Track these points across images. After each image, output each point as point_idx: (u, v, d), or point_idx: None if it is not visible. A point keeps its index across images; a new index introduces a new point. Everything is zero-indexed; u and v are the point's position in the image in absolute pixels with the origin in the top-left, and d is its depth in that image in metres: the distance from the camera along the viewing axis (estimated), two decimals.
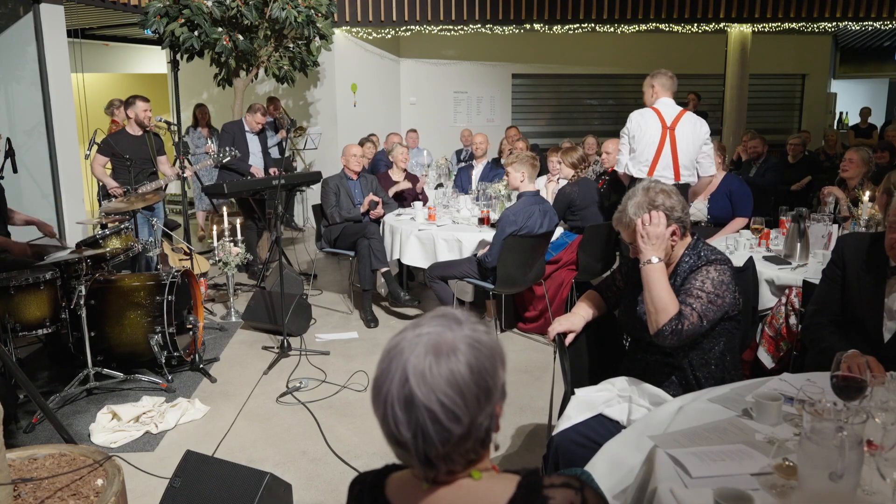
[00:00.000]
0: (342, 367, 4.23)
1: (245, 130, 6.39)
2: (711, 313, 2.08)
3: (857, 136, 9.94)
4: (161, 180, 5.31)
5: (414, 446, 1.00)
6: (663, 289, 2.10)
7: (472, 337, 1.03)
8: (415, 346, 1.02)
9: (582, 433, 2.14)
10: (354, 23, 8.59)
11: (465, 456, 1.03)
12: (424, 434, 0.99)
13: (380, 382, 1.03)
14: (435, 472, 1.04)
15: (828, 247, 3.55)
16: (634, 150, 4.31)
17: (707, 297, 2.08)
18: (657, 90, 4.33)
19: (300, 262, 7.02)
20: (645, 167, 4.28)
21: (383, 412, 1.02)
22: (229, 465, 2.44)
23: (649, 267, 2.12)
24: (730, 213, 4.62)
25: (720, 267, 2.13)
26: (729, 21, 8.99)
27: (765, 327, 3.30)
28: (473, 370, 1.01)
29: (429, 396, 0.98)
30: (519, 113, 11.09)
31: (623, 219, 2.22)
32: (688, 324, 2.05)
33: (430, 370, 0.99)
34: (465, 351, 1.01)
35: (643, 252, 2.15)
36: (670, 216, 2.14)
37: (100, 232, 4.32)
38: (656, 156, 4.23)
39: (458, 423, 0.99)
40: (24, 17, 5.73)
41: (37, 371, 4.15)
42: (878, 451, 1.50)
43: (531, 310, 4.80)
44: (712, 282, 2.10)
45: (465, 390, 1.00)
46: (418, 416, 0.99)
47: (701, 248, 2.20)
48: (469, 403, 1.00)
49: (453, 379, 0.99)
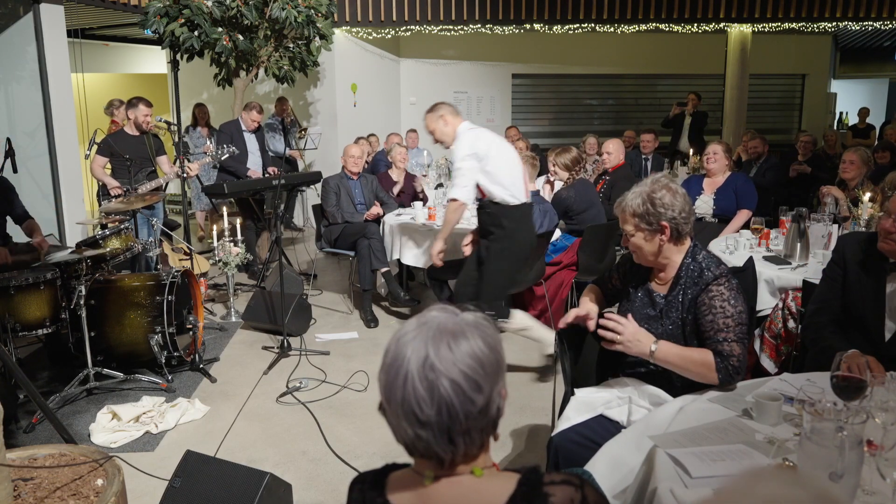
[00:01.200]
0: (342, 367, 4.23)
1: (242, 130, 6.39)
2: (744, 333, 2.01)
3: (854, 136, 9.94)
4: (161, 179, 5.31)
5: (437, 423, 1.02)
6: (685, 358, 2.02)
7: (475, 320, 1.09)
8: (426, 330, 1.05)
9: (582, 433, 2.14)
10: (354, 23, 8.59)
11: (481, 435, 1.07)
12: (449, 407, 1.02)
13: (395, 367, 1.05)
14: (454, 452, 1.05)
15: (828, 247, 3.55)
16: (490, 172, 3.68)
17: (734, 321, 2.00)
18: (450, 119, 3.74)
19: (300, 262, 7.02)
20: (515, 189, 3.74)
21: (402, 395, 1.03)
22: (229, 465, 2.44)
23: (656, 355, 2.04)
24: (735, 208, 4.70)
25: (727, 283, 2.04)
26: (729, 21, 8.99)
27: (764, 333, 3.30)
28: (489, 344, 1.06)
29: (451, 370, 1.02)
30: (519, 113, 11.10)
31: (621, 202, 2.16)
32: (735, 360, 1.97)
33: (450, 347, 1.03)
34: (475, 330, 1.07)
35: (638, 353, 2.07)
36: (663, 214, 2.07)
37: (100, 232, 4.33)
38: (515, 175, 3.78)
39: (480, 392, 1.03)
40: (24, 17, 5.73)
41: (37, 371, 4.15)
42: (878, 451, 1.50)
43: (531, 310, 4.79)
44: (729, 303, 2.01)
45: (484, 361, 1.05)
46: (441, 390, 1.02)
47: (701, 257, 2.12)
48: (489, 373, 1.05)
49: (472, 352, 1.04)
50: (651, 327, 2.15)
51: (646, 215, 2.09)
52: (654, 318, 2.17)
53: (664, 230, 2.08)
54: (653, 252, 2.14)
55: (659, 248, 2.12)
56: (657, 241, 2.11)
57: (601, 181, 5.68)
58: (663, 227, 2.08)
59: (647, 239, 2.12)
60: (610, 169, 5.64)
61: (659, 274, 2.21)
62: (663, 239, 2.10)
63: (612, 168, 5.62)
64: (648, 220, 2.09)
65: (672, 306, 2.13)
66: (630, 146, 8.28)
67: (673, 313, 2.12)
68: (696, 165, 7.27)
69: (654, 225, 2.09)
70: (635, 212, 2.11)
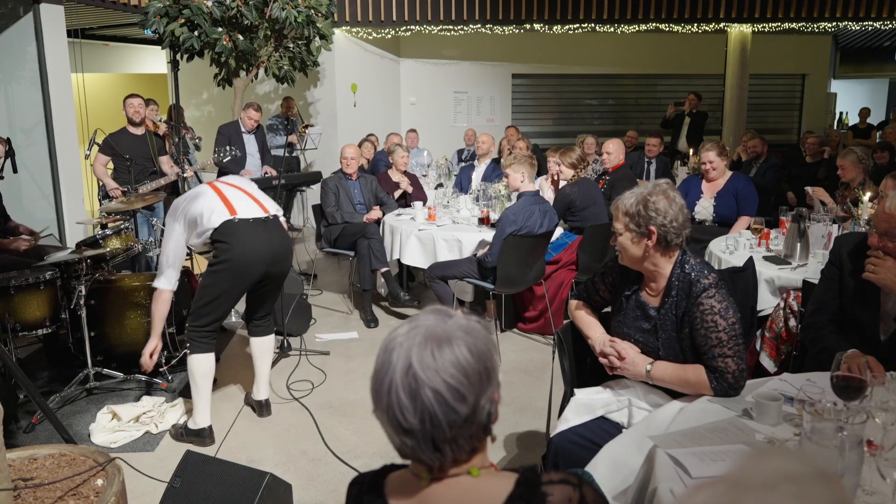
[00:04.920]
0: (342, 367, 4.23)
1: (241, 132, 6.38)
2: (738, 345, 1.98)
3: (855, 136, 9.93)
4: (162, 179, 5.31)
5: (421, 432, 1.02)
6: (680, 377, 2.04)
7: (465, 325, 1.07)
8: (413, 336, 1.04)
9: (581, 434, 2.14)
10: (354, 23, 8.59)
11: (469, 441, 1.05)
12: (432, 417, 1.01)
13: (381, 374, 1.04)
14: (441, 460, 1.05)
15: (827, 247, 3.54)
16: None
17: (727, 335, 1.97)
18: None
19: (300, 262, 7.01)
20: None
21: (387, 402, 1.03)
22: (229, 465, 2.44)
23: (652, 375, 2.08)
24: (735, 213, 4.59)
25: (717, 293, 2.00)
26: (729, 21, 8.99)
27: (765, 332, 3.29)
28: (474, 353, 1.04)
29: (433, 379, 1.01)
30: (519, 113, 11.10)
31: (618, 199, 2.14)
32: (730, 376, 1.95)
33: (433, 355, 1.02)
34: (463, 337, 1.05)
35: (635, 376, 2.12)
36: (653, 219, 2.03)
37: (100, 232, 4.32)
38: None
39: (463, 402, 1.02)
40: (24, 17, 5.73)
41: (37, 371, 4.15)
42: (878, 451, 1.50)
43: (531, 310, 4.80)
44: (720, 315, 1.98)
45: (468, 370, 1.03)
46: (424, 399, 1.01)
47: (689, 267, 2.07)
48: (473, 382, 1.03)
49: (456, 360, 1.02)
50: (646, 341, 2.14)
51: (636, 216, 2.06)
52: (649, 332, 2.14)
53: (651, 235, 2.04)
54: (637, 256, 2.10)
55: (644, 253, 2.08)
56: (643, 245, 2.07)
57: (601, 181, 5.68)
58: (651, 231, 2.04)
59: (634, 241, 2.08)
60: (610, 169, 5.64)
61: (649, 283, 2.16)
62: (649, 244, 2.06)
63: (612, 168, 5.62)
64: (638, 222, 2.05)
65: (666, 320, 2.10)
66: (631, 146, 8.28)
67: (668, 327, 2.10)
68: (695, 165, 7.27)
69: (642, 227, 2.05)
70: (627, 211, 2.08)
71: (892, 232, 2.15)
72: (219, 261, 3.13)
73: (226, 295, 3.18)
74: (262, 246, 3.16)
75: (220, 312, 3.23)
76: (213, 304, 3.17)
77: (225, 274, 3.12)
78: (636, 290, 2.20)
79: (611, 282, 2.32)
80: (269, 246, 3.19)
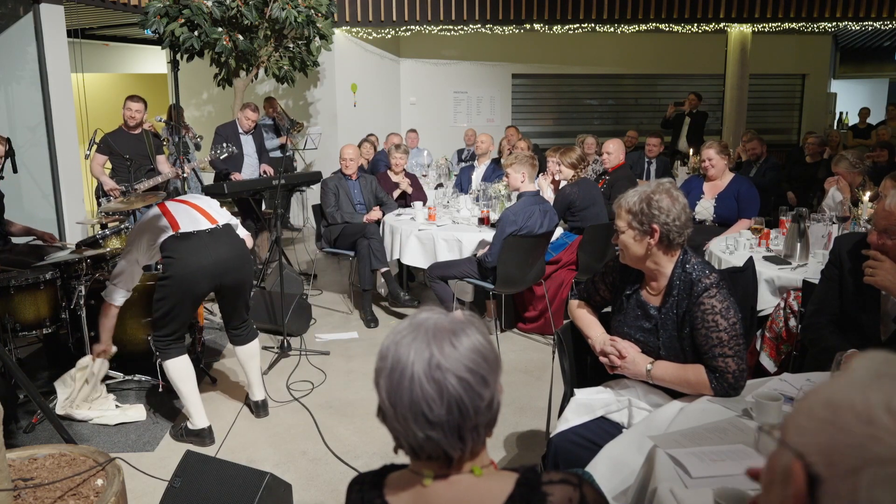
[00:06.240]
0: (342, 367, 4.23)
1: (239, 132, 6.37)
2: (739, 345, 1.98)
3: (855, 136, 9.94)
4: (159, 177, 5.30)
5: (448, 422, 1.02)
6: (680, 377, 2.04)
7: (464, 317, 1.09)
8: (423, 332, 1.05)
9: (581, 434, 2.14)
10: (354, 23, 8.59)
11: (485, 430, 1.08)
12: (460, 404, 1.02)
13: (399, 370, 1.04)
14: (463, 450, 1.06)
15: (827, 247, 3.55)
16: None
17: (727, 335, 1.97)
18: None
19: (300, 262, 7.02)
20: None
21: (410, 397, 1.02)
22: (229, 465, 2.44)
23: (653, 374, 2.08)
24: (736, 214, 4.56)
25: (718, 293, 1.99)
26: (729, 21, 8.99)
27: (765, 332, 3.29)
28: (485, 338, 1.08)
29: (456, 366, 1.03)
30: (519, 113, 11.10)
31: (621, 197, 2.13)
32: (730, 376, 1.96)
33: (452, 344, 1.04)
34: (470, 326, 1.08)
35: (635, 375, 2.13)
36: (656, 217, 2.03)
37: (100, 232, 4.32)
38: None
39: (486, 385, 1.05)
40: (24, 17, 5.73)
41: (37, 371, 4.15)
42: None
43: (531, 310, 4.80)
44: (721, 315, 1.98)
45: (486, 354, 1.06)
46: (450, 388, 1.02)
47: (690, 267, 2.07)
48: (491, 365, 1.06)
49: (474, 346, 1.05)
50: (647, 340, 2.14)
51: (639, 214, 2.05)
52: (650, 332, 2.13)
53: (654, 233, 2.04)
54: (639, 254, 2.09)
55: (646, 252, 2.08)
56: (645, 244, 2.06)
57: (601, 181, 5.68)
58: (654, 230, 2.03)
59: (637, 239, 2.07)
60: (610, 169, 5.64)
61: (650, 283, 2.16)
62: (651, 243, 2.05)
63: (612, 168, 5.62)
64: (640, 220, 2.05)
65: (668, 319, 2.09)
66: (631, 146, 8.27)
67: (669, 326, 2.09)
68: (695, 165, 7.27)
69: (645, 226, 2.04)
70: (630, 209, 2.08)
71: (891, 229, 2.15)
72: (165, 276, 3.19)
73: (178, 307, 3.21)
74: (205, 258, 3.18)
75: (177, 324, 3.26)
76: (168, 316, 3.21)
77: (171, 288, 3.16)
78: (637, 289, 2.20)
79: (611, 281, 2.31)
80: (214, 257, 3.20)
